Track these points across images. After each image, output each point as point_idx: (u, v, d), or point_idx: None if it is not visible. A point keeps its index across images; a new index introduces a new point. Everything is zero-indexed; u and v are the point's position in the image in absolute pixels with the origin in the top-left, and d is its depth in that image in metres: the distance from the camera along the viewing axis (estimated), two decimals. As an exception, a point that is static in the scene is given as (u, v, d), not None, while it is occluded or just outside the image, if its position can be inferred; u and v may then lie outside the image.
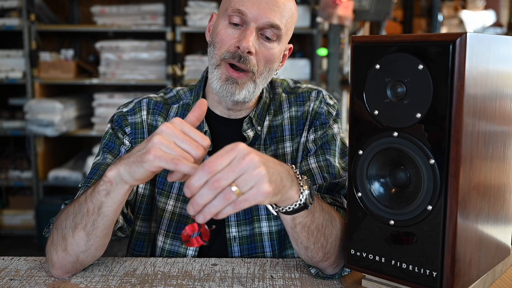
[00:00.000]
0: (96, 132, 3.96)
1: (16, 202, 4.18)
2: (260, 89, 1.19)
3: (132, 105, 1.28)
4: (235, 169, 0.78)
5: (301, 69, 3.99)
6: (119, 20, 3.98)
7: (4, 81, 3.95)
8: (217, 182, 0.78)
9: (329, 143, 1.23)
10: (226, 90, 1.14)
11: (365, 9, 3.56)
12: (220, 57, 1.15)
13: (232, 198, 0.78)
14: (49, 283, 1.05)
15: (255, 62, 1.14)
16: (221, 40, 1.15)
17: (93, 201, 0.95)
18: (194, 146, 0.85)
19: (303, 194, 0.91)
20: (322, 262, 1.03)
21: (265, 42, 1.15)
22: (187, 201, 1.24)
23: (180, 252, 1.22)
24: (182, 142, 0.84)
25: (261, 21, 1.12)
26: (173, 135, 0.84)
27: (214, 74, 1.16)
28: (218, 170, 0.78)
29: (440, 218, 0.84)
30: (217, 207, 0.79)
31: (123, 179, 0.90)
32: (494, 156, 0.92)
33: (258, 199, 0.80)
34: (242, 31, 1.13)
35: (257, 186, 0.80)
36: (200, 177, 0.78)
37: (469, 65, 0.81)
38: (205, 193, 0.78)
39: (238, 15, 1.12)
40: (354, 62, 0.93)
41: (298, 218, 0.95)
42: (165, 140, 0.84)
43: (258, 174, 0.80)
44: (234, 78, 1.14)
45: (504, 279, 1.04)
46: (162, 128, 0.85)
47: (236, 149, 0.80)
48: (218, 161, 0.79)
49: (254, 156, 0.80)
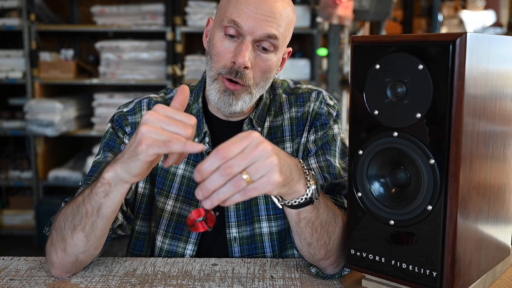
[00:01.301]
0: (96, 132, 3.95)
1: (16, 202, 4.17)
2: (256, 97, 1.19)
3: (133, 105, 1.28)
4: (247, 157, 0.79)
5: (301, 69, 3.99)
6: (119, 20, 3.98)
7: (4, 81, 3.95)
8: (229, 168, 0.78)
9: (330, 143, 1.23)
10: (223, 101, 1.15)
11: (365, 9, 3.56)
12: (217, 71, 1.15)
13: (242, 186, 0.79)
14: (49, 283, 1.05)
15: (251, 75, 1.14)
16: (217, 53, 1.14)
17: (91, 202, 0.95)
18: (182, 126, 0.85)
19: (310, 188, 0.91)
20: (323, 260, 1.03)
21: (262, 54, 1.14)
22: (187, 202, 1.25)
23: (178, 252, 1.22)
24: (169, 125, 0.85)
25: (257, 34, 1.11)
26: (158, 121, 0.85)
27: (212, 87, 1.17)
28: (231, 157, 0.78)
29: (440, 218, 0.84)
30: (226, 194, 0.79)
31: (122, 178, 0.90)
32: (494, 156, 0.92)
33: (268, 189, 0.81)
34: (238, 44, 1.12)
35: (267, 175, 0.80)
36: (213, 162, 0.78)
37: (469, 65, 0.81)
38: (216, 179, 0.78)
39: (233, 26, 1.11)
40: (354, 62, 0.93)
41: (303, 213, 0.95)
42: (152, 128, 0.84)
43: (270, 163, 0.80)
44: (231, 90, 1.14)
45: (504, 279, 1.04)
46: (146, 117, 0.86)
47: (250, 137, 0.80)
48: (231, 148, 0.79)
49: (267, 145, 0.81)
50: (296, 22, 1.23)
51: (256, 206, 1.23)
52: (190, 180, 1.23)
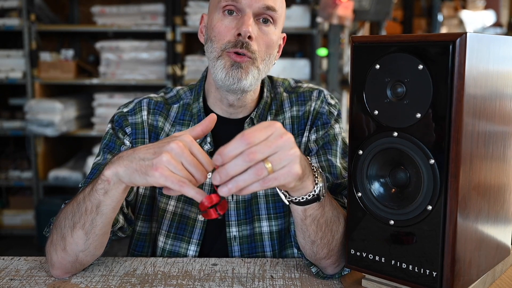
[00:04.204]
0: (96, 132, 3.95)
1: (16, 202, 4.17)
2: (262, 76, 1.19)
3: (133, 105, 1.28)
4: (272, 145, 0.78)
5: (301, 69, 3.99)
6: (119, 20, 3.98)
7: (4, 81, 3.95)
8: (253, 154, 0.77)
9: (331, 143, 1.23)
10: (232, 76, 1.13)
11: (365, 9, 3.56)
12: (221, 49, 1.14)
13: (263, 174, 0.78)
14: (49, 283, 1.05)
15: (256, 47, 1.14)
16: (219, 32, 1.14)
17: (91, 200, 0.95)
18: (200, 170, 0.84)
19: (318, 185, 0.91)
20: (325, 259, 1.03)
21: (263, 27, 1.15)
22: (188, 202, 1.25)
23: (181, 253, 1.22)
24: (189, 164, 0.84)
25: (255, 5, 1.12)
26: (182, 156, 0.84)
27: (217, 65, 1.15)
28: (256, 143, 0.77)
29: (440, 218, 0.84)
30: (246, 181, 0.78)
31: (121, 179, 0.90)
32: (494, 156, 0.92)
33: (288, 180, 0.81)
34: (238, 19, 1.13)
35: (289, 166, 0.80)
36: (237, 147, 0.77)
37: (469, 65, 0.81)
38: (238, 164, 0.77)
39: (231, 3, 1.13)
40: (354, 62, 0.93)
41: (310, 210, 0.95)
42: (173, 160, 0.83)
43: (293, 154, 0.80)
44: (238, 63, 1.13)
45: (504, 279, 1.04)
46: (172, 146, 0.84)
47: (274, 126, 0.80)
48: (256, 134, 0.78)
49: (291, 136, 0.81)
50: (296, 22, 1.23)
51: (256, 205, 1.23)
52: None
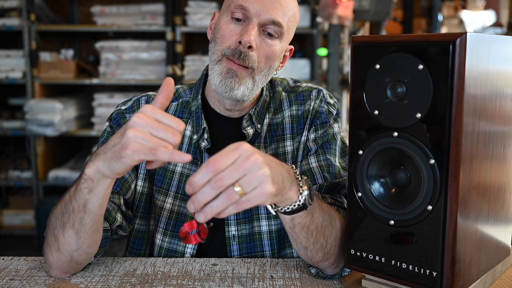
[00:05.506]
0: (96, 132, 3.95)
1: (16, 202, 4.17)
2: (259, 88, 1.18)
3: (131, 103, 1.28)
4: (239, 169, 0.78)
5: (301, 69, 3.99)
6: (119, 20, 3.98)
7: (4, 81, 3.95)
8: (220, 181, 0.77)
9: (330, 142, 1.23)
10: (225, 84, 1.13)
11: (365, 9, 3.56)
12: (221, 53, 1.14)
13: (235, 198, 0.78)
14: (49, 283, 1.05)
15: (256, 58, 1.14)
16: (222, 35, 1.15)
17: (77, 199, 0.94)
18: (171, 132, 0.83)
19: (302, 194, 0.91)
20: (322, 262, 1.03)
21: (267, 39, 1.15)
22: (186, 199, 1.25)
23: (178, 250, 1.22)
24: (157, 131, 0.83)
25: (263, 17, 1.12)
26: (147, 126, 0.83)
27: (214, 69, 1.16)
28: (222, 169, 0.78)
29: (440, 218, 0.84)
30: (219, 207, 0.78)
31: (104, 174, 0.89)
32: (494, 156, 0.92)
33: (261, 200, 0.80)
34: (244, 26, 1.13)
35: (260, 187, 0.80)
36: (204, 175, 0.78)
37: (469, 65, 0.81)
38: (207, 192, 0.78)
39: (240, 10, 1.13)
40: (354, 62, 0.93)
41: (297, 218, 0.95)
42: (140, 133, 0.82)
43: (262, 175, 0.80)
44: (234, 70, 1.13)
45: (504, 279, 1.04)
46: (134, 120, 0.83)
47: (241, 149, 0.80)
48: (222, 160, 0.78)
49: (259, 156, 0.80)
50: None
51: (255, 205, 1.22)
52: (188, 178, 1.23)
